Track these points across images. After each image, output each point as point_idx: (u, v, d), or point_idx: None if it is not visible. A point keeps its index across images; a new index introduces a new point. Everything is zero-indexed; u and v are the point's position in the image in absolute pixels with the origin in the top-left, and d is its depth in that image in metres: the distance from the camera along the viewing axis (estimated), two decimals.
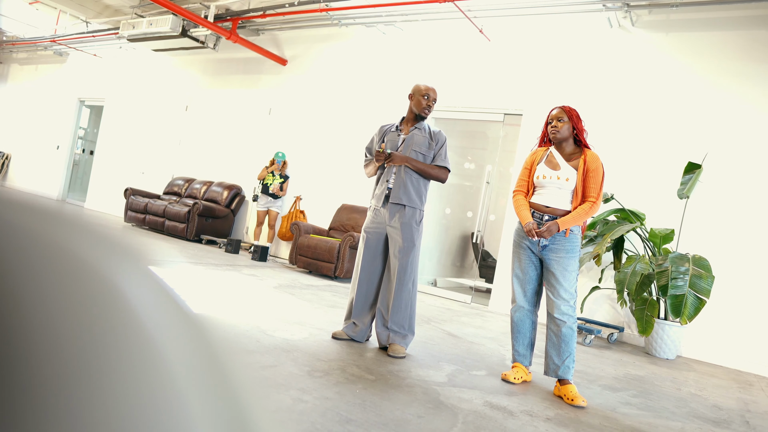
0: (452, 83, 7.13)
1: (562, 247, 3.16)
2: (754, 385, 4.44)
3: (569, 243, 3.16)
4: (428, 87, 3.62)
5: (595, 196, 3.14)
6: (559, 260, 3.16)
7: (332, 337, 3.60)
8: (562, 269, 3.15)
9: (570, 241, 3.16)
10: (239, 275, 5.76)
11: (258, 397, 0.30)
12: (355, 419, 2.21)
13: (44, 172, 12.97)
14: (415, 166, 3.53)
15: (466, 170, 8.81)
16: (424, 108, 3.60)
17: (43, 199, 0.29)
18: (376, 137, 3.75)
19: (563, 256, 3.16)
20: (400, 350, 3.43)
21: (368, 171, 3.73)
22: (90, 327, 0.24)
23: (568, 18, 6.35)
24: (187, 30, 8.78)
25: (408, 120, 3.68)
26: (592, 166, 3.15)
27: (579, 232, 3.22)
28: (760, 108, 5.28)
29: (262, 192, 8.11)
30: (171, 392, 0.24)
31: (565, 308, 3.13)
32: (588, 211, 3.13)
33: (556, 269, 3.17)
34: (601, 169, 3.18)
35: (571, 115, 3.21)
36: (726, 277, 5.14)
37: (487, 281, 7.61)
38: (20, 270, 0.24)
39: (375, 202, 3.65)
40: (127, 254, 0.28)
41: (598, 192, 3.15)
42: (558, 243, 3.17)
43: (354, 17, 7.73)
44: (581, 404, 2.96)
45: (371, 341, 3.73)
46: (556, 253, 3.17)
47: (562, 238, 3.16)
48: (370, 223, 3.64)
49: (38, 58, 13.84)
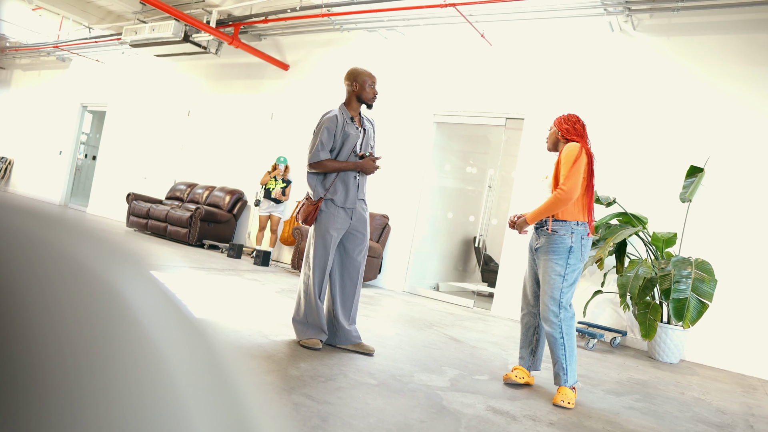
0: (454, 88, 7.14)
1: (547, 248, 3.12)
2: (757, 389, 4.42)
3: (552, 245, 3.09)
4: (371, 72, 3.44)
5: (563, 184, 3.01)
6: (542, 262, 3.14)
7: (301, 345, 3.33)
8: (543, 272, 3.13)
9: (552, 243, 3.09)
10: (241, 280, 5.76)
11: (260, 402, 0.30)
12: (358, 424, 2.20)
13: (47, 177, 13.01)
14: None
15: (468, 174, 8.80)
16: (372, 97, 3.43)
17: (45, 204, 0.29)
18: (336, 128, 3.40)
19: (547, 258, 3.11)
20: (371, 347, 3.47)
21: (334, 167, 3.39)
22: (92, 332, 0.24)
23: (570, 22, 6.36)
24: (189, 35, 8.82)
25: (353, 109, 3.46)
26: (563, 155, 3.10)
27: (567, 234, 3.07)
28: (762, 111, 5.28)
29: (265, 197, 8.12)
30: (173, 397, 0.24)
31: (546, 313, 3.08)
32: (552, 201, 3.02)
33: (539, 271, 3.18)
34: (571, 154, 3.06)
35: (559, 124, 3.27)
36: (729, 281, 5.13)
37: (490, 285, 7.60)
38: (22, 275, 0.24)
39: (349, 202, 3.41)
40: (129, 259, 0.28)
41: (568, 181, 3.00)
42: (542, 244, 3.15)
43: (356, 22, 7.75)
44: (561, 404, 2.96)
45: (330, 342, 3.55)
46: (543, 255, 3.15)
47: (545, 240, 3.12)
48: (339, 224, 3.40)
49: (41, 64, 13.90)
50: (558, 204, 3.02)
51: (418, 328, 4.69)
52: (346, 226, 3.43)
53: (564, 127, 3.24)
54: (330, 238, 3.38)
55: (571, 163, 3.03)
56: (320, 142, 3.37)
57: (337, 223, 3.40)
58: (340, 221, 3.40)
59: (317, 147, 3.38)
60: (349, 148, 3.40)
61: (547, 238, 3.11)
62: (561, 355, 3.07)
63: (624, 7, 5.77)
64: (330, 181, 3.42)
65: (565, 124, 3.24)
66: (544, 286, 3.10)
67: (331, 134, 3.39)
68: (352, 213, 3.43)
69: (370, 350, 3.45)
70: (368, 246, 3.55)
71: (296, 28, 8.60)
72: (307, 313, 3.41)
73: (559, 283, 3.05)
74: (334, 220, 3.39)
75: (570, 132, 3.22)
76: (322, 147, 3.37)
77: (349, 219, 3.43)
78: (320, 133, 3.39)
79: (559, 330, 3.06)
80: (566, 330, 3.07)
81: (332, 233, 3.38)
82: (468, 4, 6.32)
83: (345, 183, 3.42)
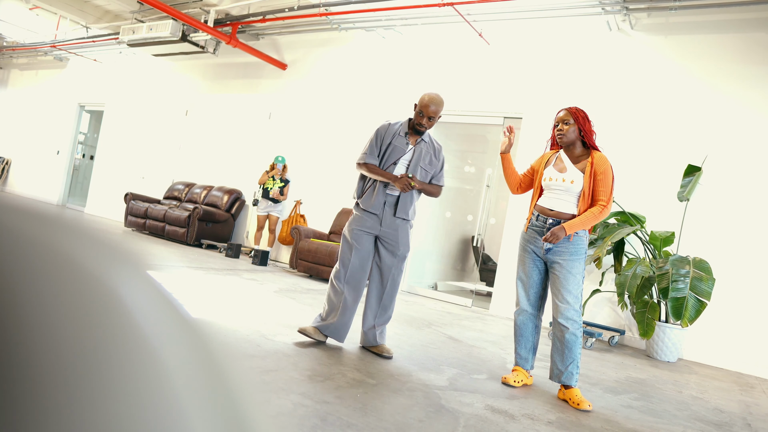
0: (452, 87, 7.14)
1: (566, 250, 3.10)
2: (755, 388, 4.43)
3: (573, 246, 3.09)
4: (427, 103, 3.42)
5: (605, 199, 3.05)
6: (563, 263, 3.10)
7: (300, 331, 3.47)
8: (566, 273, 3.09)
9: (574, 244, 3.09)
10: (240, 280, 5.75)
11: (259, 401, 0.30)
12: (356, 423, 2.20)
13: (44, 177, 12.98)
14: (424, 188, 3.57)
15: (466, 174, 8.81)
16: (418, 123, 3.46)
17: (43, 204, 0.29)
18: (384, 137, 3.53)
19: (567, 259, 3.09)
20: (390, 350, 3.53)
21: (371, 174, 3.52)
22: (89, 333, 0.24)
23: (568, 21, 6.36)
24: (187, 35, 8.80)
25: (412, 128, 3.54)
26: (601, 168, 3.07)
27: (585, 235, 3.13)
28: (759, 110, 5.29)
29: (263, 196, 8.12)
30: (171, 398, 0.24)
31: (569, 313, 3.07)
32: (598, 215, 3.05)
33: (559, 273, 3.11)
34: (610, 171, 3.09)
35: (577, 117, 3.12)
36: (727, 280, 5.14)
37: (488, 285, 7.60)
38: (20, 275, 0.24)
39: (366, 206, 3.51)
40: (127, 259, 0.28)
41: (608, 195, 3.06)
42: (562, 246, 3.10)
43: (353, 21, 7.74)
44: (587, 408, 2.95)
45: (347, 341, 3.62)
46: (560, 256, 3.11)
47: (567, 241, 3.09)
48: (363, 225, 3.50)
49: (38, 64, 13.87)
50: (601, 218, 3.08)
51: (416, 327, 4.69)
52: (374, 231, 3.52)
53: (587, 127, 3.13)
54: (350, 235, 3.52)
55: (612, 179, 3.09)
56: (368, 145, 3.55)
57: (360, 224, 3.52)
58: (363, 223, 3.51)
59: (365, 149, 3.56)
60: (392, 158, 3.49)
61: (566, 240, 3.09)
62: (578, 354, 3.10)
63: (622, 6, 5.78)
64: (366, 185, 3.57)
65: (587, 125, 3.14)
66: (568, 286, 3.08)
67: (379, 139, 3.53)
68: (381, 220, 3.50)
69: (383, 352, 3.48)
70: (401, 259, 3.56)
71: (294, 28, 8.60)
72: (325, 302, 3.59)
73: (581, 282, 3.11)
74: (358, 221, 3.54)
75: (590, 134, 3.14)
76: (369, 150, 3.53)
77: (377, 224, 3.51)
78: (370, 137, 3.59)
79: (579, 329, 3.10)
80: (582, 328, 3.15)
81: (355, 231, 3.52)
82: (466, 4, 6.32)
83: (374, 189, 3.53)
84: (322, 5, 7.49)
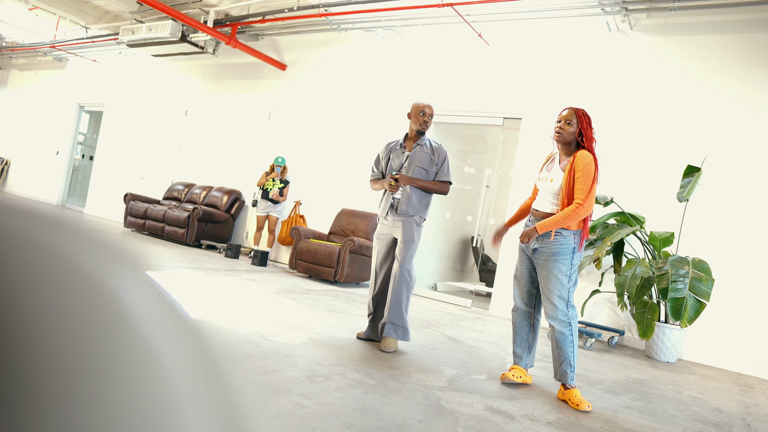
0: (451, 87, 7.14)
1: (548, 249, 3.11)
2: (755, 388, 4.43)
3: (556, 246, 3.09)
4: (423, 104, 3.90)
5: (582, 197, 3.00)
6: (544, 263, 3.13)
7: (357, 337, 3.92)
8: (547, 273, 3.12)
9: (557, 244, 3.08)
10: (239, 280, 5.75)
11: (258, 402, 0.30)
12: (356, 424, 2.20)
13: (44, 177, 12.97)
14: (419, 184, 3.83)
15: (466, 174, 8.81)
16: (421, 123, 3.87)
17: (42, 205, 0.29)
18: (382, 154, 4.03)
19: (549, 259, 3.11)
20: (393, 344, 3.67)
21: (375, 186, 4.01)
22: (88, 334, 0.24)
23: (567, 22, 6.36)
24: (186, 35, 8.80)
25: (410, 137, 3.95)
26: (579, 165, 3.03)
27: (571, 235, 3.08)
28: (759, 110, 5.29)
29: (262, 197, 8.12)
30: (171, 398, 0.24)
31: (552, 312, 3.10)
32: (570, 213, 3.01)
33: (541, 272, 3.16)
34: (590, 168, 3.03)
35: (582, 121, 3.12)
36: (726, 280, 5.14)
37: (488, 285, 7.60)
38: (19, 276, 0.24)
39: (381, 212, 3.96)
40: (126, 260, 0.28)
41: (585, 194, 3.01)
42: (545, 245, 3.13)
43: (353, 22, 7.74)
44: (586, 409, 2.95)
45: None
46: (542, 257, 3.14)
47: (548, 241, 3.10)
48: (379, 231, 3.95)
49: (38, 64, 13.86)
50: (575, 218, 3.03)
51: (416, 327, 4.69)
52: (388, 233, 3.91)
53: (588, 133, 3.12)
54: (375, 243, 3.99)
55: (591, 178, 3.04)
56: (373, 165, 4.09)
57: (378, 230, 3.97)
58: (380, 229, 3.96)
59: (372, 169, 4.11)
60: (391, 169, 3.95)
61: (548, 240, 3.11)
62: (570, 353, 3.10)
63: (621, 6, 5.78)
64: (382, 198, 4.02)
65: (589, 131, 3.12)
66: (551, 287, 3.09)
67: (380, 158, 4.05)
68: (392, 222, 3.88)
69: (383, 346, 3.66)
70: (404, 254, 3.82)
71: (294, 28, 8.60)
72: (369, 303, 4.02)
73: (566, 282, 3.09)
74: (377, 228, 4.00)
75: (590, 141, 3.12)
76: (373, 168, 4.09)
77: (389, 227, 3.90)
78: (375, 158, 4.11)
79: (569, 328, 3.10)
80: (574, 327, 3.13)
81: (376, 240, 3.97)
82: (465, 4, 6.32)
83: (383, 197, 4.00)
84: (322, 6, 7.49)
